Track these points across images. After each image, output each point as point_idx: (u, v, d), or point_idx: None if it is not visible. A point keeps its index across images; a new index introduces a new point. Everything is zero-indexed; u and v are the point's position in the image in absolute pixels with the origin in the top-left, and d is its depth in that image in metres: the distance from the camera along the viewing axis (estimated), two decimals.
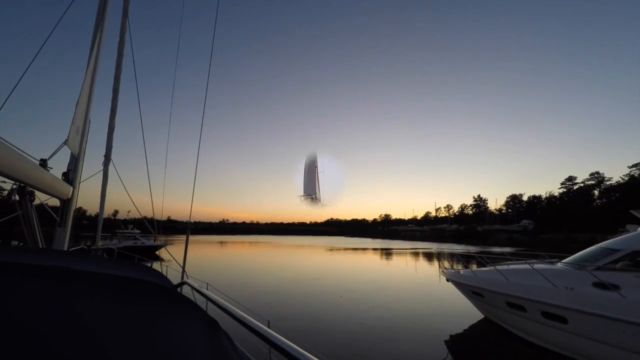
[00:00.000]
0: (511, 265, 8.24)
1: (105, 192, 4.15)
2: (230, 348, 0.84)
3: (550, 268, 7.07)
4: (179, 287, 3.15)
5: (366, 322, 8.65)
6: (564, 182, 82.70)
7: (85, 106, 3.31)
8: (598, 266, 6.22)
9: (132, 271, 1.04)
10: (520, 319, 6.88)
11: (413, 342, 7.20)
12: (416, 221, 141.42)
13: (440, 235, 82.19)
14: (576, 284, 6.03)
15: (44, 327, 0.55)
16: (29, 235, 2.61)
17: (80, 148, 3.27)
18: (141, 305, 0.79)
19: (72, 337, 0.56)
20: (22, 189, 2.43)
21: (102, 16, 3.48)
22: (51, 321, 0.58)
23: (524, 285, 6.68)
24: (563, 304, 5.84)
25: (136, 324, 0.70)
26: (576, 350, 5.91)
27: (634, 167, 65.21)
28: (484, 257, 8.94)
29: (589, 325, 5.52)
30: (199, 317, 0.87)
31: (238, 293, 11.15)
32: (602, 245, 6.98)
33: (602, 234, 29.50)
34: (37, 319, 0.57)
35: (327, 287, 14.20)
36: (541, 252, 8.90)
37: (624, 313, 5.08)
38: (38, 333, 0.53)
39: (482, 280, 7.95)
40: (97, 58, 3.41)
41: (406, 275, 19.43)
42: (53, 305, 0.63)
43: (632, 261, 6.08)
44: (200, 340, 0.77)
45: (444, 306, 10.77)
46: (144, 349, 0.63)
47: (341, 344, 6.91)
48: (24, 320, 0.55)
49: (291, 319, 8.79)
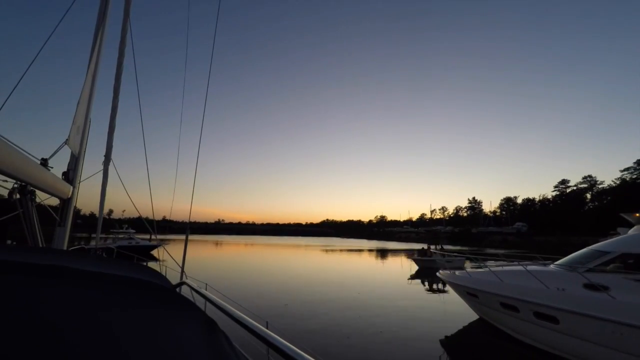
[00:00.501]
0: (505, 266, 8.36)
1: (105, 192, 4.15)
2: (228, 348, 0.84)
3: (542, 270, 7.19)
4: (178, 287, 3.15)
5: (361, 322, 8.70)
6: (557, 185, 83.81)
7: (86, 106, 3.32)
8: (589, 268, 6.35)
9: (131, 271, 1.04)
10: (514, 319, 6.99)
11: (408, 341, 7.26)
12: (411, 223, 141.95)
13: (435, 236, 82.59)
14: (567, 285, 6.15)
15: (44, 326, 0.56)
16: (29, 234, 2.61)
17: (80, 148, 3.28)
18: (140, 305, 0.79)
19: (72, 336, 0.57)
20: (23, 188, 2.44)
21: (103, 16, 3.49)
22: (50, 320, 0.58)
23: (517, 287, 6.79)
24: (554, 304, 5.95)
25: (135, 324, 0.70)
26: (567, 349, 6.02)
27: (625, 171, 66.26)
28: (478, 258, 9.07)
29: (580, 326, 5.63)
30: (198, 318, 0.87)
31: (245, 295, 11.12)
32: (593, 248, 7.13)
33: (595, 236, 29.95)
34: (37, 318, 0.57)
35: (320, 287, 14.23)
36: (534, 254, 9.04)
37: (613, 313, 5.20)
38: (37, 332, 0.53)
39: (476, 281, 8.05)
40: (98, 58, 3.42)
41: (401, 275, 19.51)
42: (52, 305, 0.62)
43: (623, 263, 6.22)
44: (198, 340, 0.77)
45: (439, 306, 10.86)
46: (142, 349, 0.64)
47: (338, 345, 6.96)
48: (24, 319, 0.55)
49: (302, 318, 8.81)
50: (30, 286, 0.66)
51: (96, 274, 0.84)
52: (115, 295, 0.78)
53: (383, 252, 42.82)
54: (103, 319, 0.66)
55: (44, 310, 0.60)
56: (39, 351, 0.50)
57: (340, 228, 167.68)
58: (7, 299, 0.59)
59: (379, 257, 34.76)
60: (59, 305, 0.64)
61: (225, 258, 31.66)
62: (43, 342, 0.52)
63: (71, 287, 0.72)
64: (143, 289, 0.88)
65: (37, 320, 0.56)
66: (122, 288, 0.83)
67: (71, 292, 0.71)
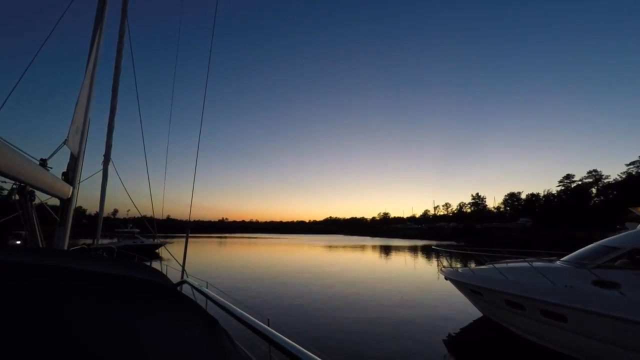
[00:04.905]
0: (510, 263, 8.26)
1: (105, 192, 4.14)
2: (230, 346, 0.85)
3: (549, 266, 7.08)
4: (179, 286, 3.14)
5: (365, 319, 8.67)
6: (562, 180, 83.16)
7: (84, 106, 3.30)
8: (597, 264, 6.23)
9: (132, 270, 1.05)
10: (520, 317, 6.90)
11: (412, 340, 7.21)
12: (415, 219, 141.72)
13: (439, 233, 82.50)
14: (575, 282, 6.04)
15: (44, 326, 0.56)
16: (29, 234, 2.61)
17: (80, 148, 3.26)
18: (141, 304, 0.80)
19: (72, 336, 0.57)
20: (22, 189, 2.42)
21: (101, 16, 3.46)
22: (51, 321, 0.58)
23: (523, 284, 6.70)
24: (562, 302, 5.85)
25: (136, 323, 0.70)
26: (576, 348, 5.94)
27: (631, 165, 65.60)
28: (483, 255, 8.96)
29: (589, 324, 5.54)
30: (199, 316, 0.88)
31: (252, 293, 11.13)
32: (601, 243, 6.99)
33: (600, 231, 29.65)
34: (37, 318, 0.57)
35: (323, 283, 14.23)
36: (540, 250, 8.93)
37: (624, 311, 5.10)
38: (39, 332, 0.54)
39: (481, 279, 7.96)
40: (96, 58, 3.39)
41: (404, 272, 19.47)
42: (53, 305, 0.63)
43: (632, 259, 6.10)
44: (200, 338, 0.78)
45: (442, 304, 10.80)
46: (144, 348, 0.64)
47: (340, 341, 6.93)
48: (24, 319, 0.55)
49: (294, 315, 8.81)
50: (31, 287, 0.66)
51: (97, 273, 0.85)
52: (116, 294, 0.79)
53: (387, 248, 42.78)
54: (104, 318, 0.67)
55: (44, 310, 0.60)
56: (39, 351, 0.50)
57: (344, 225, 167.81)
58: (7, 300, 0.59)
59: (383, 254, 34.69)
60: (59, 306, 0.64)
61: (229, 257, 31.78)
62: (43, 342, 0.52)
63: (71, 287, 0.73)
64: (144, 288, 0.89)
65: (38, 320, 0.56)
66: (122, 287, 0.84)
67: (72, 292, 0.71)
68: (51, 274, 0.74)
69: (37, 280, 0.69)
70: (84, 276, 0.81)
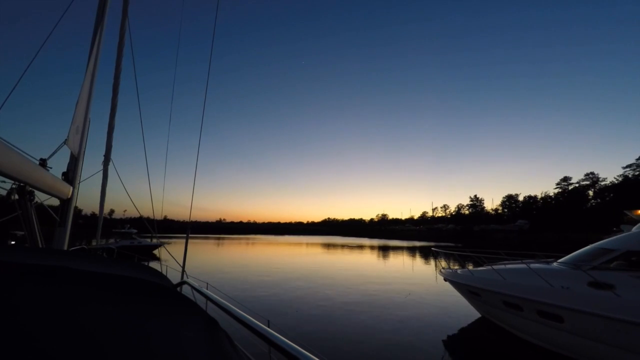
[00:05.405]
0: (508, 264, 8.30)
1: (105, 192, 4.14)
2: (230, 347, 0.85)
3: (546, 268, 7.13)
4: (179, 286, 3.14)
5: (362, 321, 8.67)
6: (559, 182, 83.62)
7: (85, 106, 3.30)
8: (593, 266, 6.29)
9: (132, 271, 1.04)
10: (517, 318, 6.94)
11: (410, 341, 7.23)
12: (413, 221, 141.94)
13: (437, 235, 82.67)
14: (572, 283, 6.09)
15: (44, 327, 0.55)
16: (28, 235, 2.60)
17: (80, 148, 3.26)
18: (141, 305, 0.80)
19: (72, 337, 0.57)
20: (22, 189, 2.42)
21: (101, 16, 3.46)
22: (51, 321, 0.58)
23: (521, 285, 6.74)
24: (559, 303, 5.90)
25: (136, 324, 0.70)
26: (572, 349, 5.98)
27: (628, 168, 66.10)
28: (482, 257, 9.00)
29: (585, 324, 5.58)
30: (199, 317, 0.87)
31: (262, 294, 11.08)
32: (597, 245, 7.05)
33: (597, 233, 29.80)
34: (37, 318, 0.56)
35: (320, 285, 14.22)
36: (537, 252, 8.98)
37: (619, 312, 5.14)
38: (38, 333, 0.53)
39: (479, 280, 8.00)
40: (96, 58, 3.39)
41: (403, 273, 19.48)
42: (53, 305, 0.63)
43: (627, 261, 6.16)
44: (200, 339, 0.78)
45: (442, 305, 10.83)
46: (143, 349, 0.64)
47: (340, 342, 6.94)
48: (24, 320, 0.55)
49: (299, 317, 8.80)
50: (30, 287, 0.65)
51: (96, 274, 0.84)
52: (116, 295, 0.78)
53: (385, 249, 42.77)
54: (104, 319, 0.66)
55: (44, 311, 0.60)
56: (39, 351, 0.50)
57: (342, 227, 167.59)
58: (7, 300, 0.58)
59: (381, 255, 34.69)
60: (60, 306, 0.63)
61: (228, 257, 31.68)
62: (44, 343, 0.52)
63: (71, 287, 0.72)
64: (144, 289, 0.88)
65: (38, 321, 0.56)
66: (122, 288, 0.83)
67: (71, 292, 0.70)
68: (51, 274, 0.73)
69: (36, 280, 0.68)
70: (84, 276, 0.80)
